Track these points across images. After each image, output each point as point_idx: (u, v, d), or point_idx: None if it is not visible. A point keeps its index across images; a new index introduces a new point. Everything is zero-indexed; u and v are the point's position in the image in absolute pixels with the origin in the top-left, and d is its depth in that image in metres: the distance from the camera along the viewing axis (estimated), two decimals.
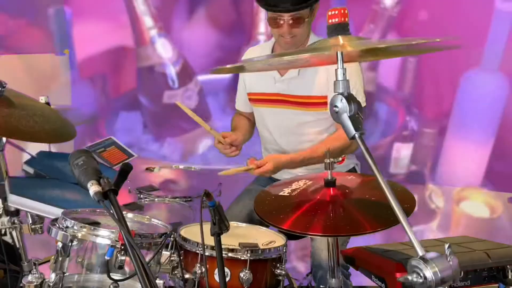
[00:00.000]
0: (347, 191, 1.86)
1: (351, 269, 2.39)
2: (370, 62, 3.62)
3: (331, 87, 1.46)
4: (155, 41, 3.81)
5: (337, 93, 1.44)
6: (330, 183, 1.85)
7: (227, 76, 3.78)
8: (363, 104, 2.60)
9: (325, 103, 2.50)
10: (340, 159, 1.90)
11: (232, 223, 2.01)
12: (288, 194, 1.91)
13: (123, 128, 3.91)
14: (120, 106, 3.94)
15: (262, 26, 3.72)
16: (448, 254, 1.24)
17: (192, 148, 3.91)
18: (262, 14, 3.67)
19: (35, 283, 1.84)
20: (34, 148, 2.89)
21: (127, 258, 1.77)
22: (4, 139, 2.44)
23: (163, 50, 3.83)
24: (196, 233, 1.88)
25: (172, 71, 3.83)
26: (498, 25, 3.47)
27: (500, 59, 3.52)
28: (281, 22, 2.47)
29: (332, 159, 1.86)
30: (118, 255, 1.76)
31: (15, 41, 3.83)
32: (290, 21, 2.45)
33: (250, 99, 2.75)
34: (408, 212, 1.70)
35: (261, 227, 2.23)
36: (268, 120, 2.70)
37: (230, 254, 1.97)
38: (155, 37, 3.80)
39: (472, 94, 3.62)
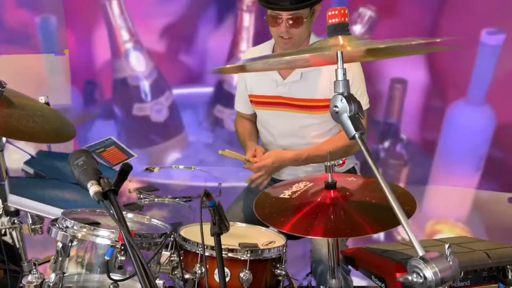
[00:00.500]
0: (347, 193, 1.85)
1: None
2: None
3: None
4: (129, 54, 3.87)
5: (337, 93, 1.44)
6: (330, 186, 1.84)
7: (208, 90, 3.86)
8: (367, 106, 2.60)
9: (328, 106, 2.50)
10: (341, 161, 1.90)
11: (232, 223, 2.00)
12: (288, 197, 1.91)
13: (97, 136, 3.95)
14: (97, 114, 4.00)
15: (244, 45, 3.77)
16: (448, 254, 1.24)
17: (158, 160, 3.95)
18: (245, 34, 3.71)
19: (35, 283, 1.83)
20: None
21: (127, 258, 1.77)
22: (4, 139, 2.44)
23: (137, 63, 3.88)
24: (196, 233, 1.88)
25: (145, 84, 3.90)
26: (483, 58, 3.47)
27: (486, 91, 3.51)
28: (280, 21, 2.44)
29: (332, 162, 1.85)
30: (118, 255, 1.76)
31: (15, 41, 3.83)
32: (290, 21, 2.43)
33: (251, 101, 2.73)
34: (408, 214, 1.70)
35: (261, 227, 2.23)
36: (270, 123, 2.69)
37: (230, 254, 1.97)
38: (130, 50, 3.85)
39: (458, 126, 3.62)
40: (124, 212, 1.46)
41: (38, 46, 3.88)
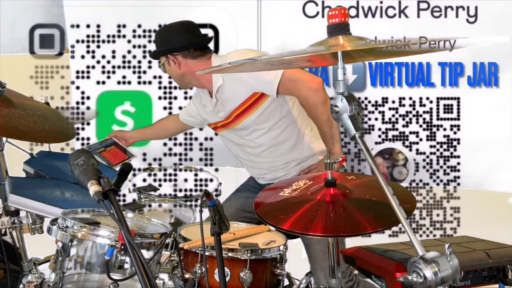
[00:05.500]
0: (347, 191, 1.85)
1: None
2: None
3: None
4: None
5: (337, 93, 1.44)
6: (330, 183, 1.84)
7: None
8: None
9: (248, 109, 2.60)
10: (341, 159, 1.89)
11: (233, 223, 2.00)
12: (288, 195, 1.91)
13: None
14: None
15: None
16: (448, 254, 1.24)
17: None
18: None
19: (35, 283, 1.84)
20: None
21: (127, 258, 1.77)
22: (4, 139, 2.44)
23: None
24: (196, 233, 1.88)
25: None
26: None
27: None
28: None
29: (332, 160, 1.85)
30: (118, 255, 1.76)
31: (15, 41, 3.83)
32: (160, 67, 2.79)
33: (212, 128, 2.87)
34: (408, 212, 1.70)
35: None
36: (232, 140, 2.78)
37: (230, 254, 1.97)
38: None
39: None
40: (124, 212, 1.46)
41: (38, 46, 3.88)
